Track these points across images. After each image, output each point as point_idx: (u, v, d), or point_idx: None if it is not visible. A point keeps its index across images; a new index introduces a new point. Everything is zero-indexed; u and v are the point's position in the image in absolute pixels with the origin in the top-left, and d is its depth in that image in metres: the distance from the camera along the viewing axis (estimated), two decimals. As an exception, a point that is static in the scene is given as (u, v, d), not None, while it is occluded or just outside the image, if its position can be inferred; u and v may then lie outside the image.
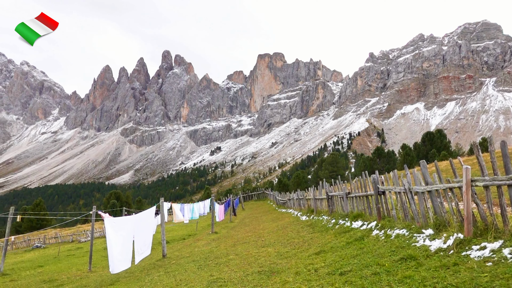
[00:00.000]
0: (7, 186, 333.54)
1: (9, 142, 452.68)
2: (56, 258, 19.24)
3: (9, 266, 16.82)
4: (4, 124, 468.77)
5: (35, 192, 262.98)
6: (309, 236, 10.32)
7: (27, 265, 17.43)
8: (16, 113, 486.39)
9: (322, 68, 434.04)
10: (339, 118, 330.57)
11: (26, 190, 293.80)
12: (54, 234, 41.05)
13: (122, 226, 9.69)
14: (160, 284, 7.54)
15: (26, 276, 13.70)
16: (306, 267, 6.40)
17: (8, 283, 12.32)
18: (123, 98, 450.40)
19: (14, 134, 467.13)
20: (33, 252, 27.59)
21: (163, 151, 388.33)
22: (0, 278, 13.76)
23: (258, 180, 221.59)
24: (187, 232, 21.99)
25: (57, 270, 14.35)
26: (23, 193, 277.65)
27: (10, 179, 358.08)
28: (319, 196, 16.20)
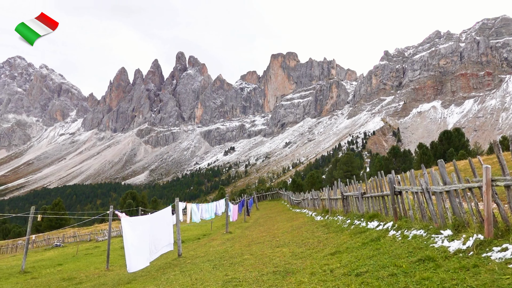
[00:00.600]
0: (27, 186, 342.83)
1: (29, 144, 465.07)
2: (74, 257, 19.66)
3: (30, 264, 17.29)
4: (25, 126, 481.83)
5: (54, 192, 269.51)
6: (324, 237, 10.25)
7: (47, 263, 17.87)
8: (36, 115, 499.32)
9: (336, 67, 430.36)
10: (353, 117, 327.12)
11: (45, 190, 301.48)
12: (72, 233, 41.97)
13: (138, 226, 9.84)
14: (176, 283, 7.62)
15: (46, 274, 14.06)
16: (322, 268, 6.36)
17: (29, 280, 12.67)
18: (138, 99, 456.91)
19: (34, 135, 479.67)
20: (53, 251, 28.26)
21: (177, 151, 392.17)
22: (22, 275, 14.17)
23: (272, 180, 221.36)
24: (202, 232, 22.14)
25: (76, 268, 14.67)
26: (43, 193, 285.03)
27: (30, 179, 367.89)
28: (334, 196, 16.07)
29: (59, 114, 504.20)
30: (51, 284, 11.13)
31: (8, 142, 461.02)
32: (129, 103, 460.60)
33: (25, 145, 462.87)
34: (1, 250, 42.47)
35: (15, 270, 15.81)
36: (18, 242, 43.42)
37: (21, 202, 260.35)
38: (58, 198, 65.23)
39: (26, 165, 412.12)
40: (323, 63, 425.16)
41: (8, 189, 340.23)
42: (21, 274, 14.44)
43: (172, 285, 7.50)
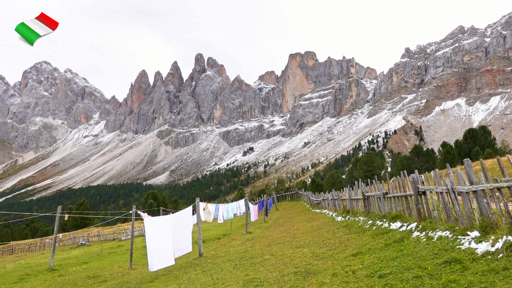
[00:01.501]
0: (54, 187, 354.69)
1: (55, 146, 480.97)
2: (99, 255, 20.19)
3: (57, 262, 17.87)
4: (51, 128, 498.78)
5: (79, 193, 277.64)
6: (345, 237, 10.13)
7: (73, 261, 18.43)
8: (61, 118, 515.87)
9: (356, 66, 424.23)
10: (373, 116, 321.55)
11: (70, 190, 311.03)
12: (96, 233, 43.12)
13: (160, 225, 10.01)
14: (198, 282, 7.70)
15: (72, 271, 14.50)
16: (343, 269, 6.29)
17: (57, 278, 13.10)
18: (159, 101, 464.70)
19: (60, 137, 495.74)
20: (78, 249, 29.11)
21: (197, 152, 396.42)
22: (49, 273, 14.68)
23: (291, 180, 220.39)
24: (222, 232, 22.29)
25: (101, 266, 15.06)
26: (68, 193, 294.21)
27: (56, 180, 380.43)
28: (354, 196, 15.85)
29: (83, 116, 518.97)
30: (77, 282, 11.46)
31: (36, 144, 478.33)
32: (150, 105, 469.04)
33: (51, 147, 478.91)
34: (30, 248, 44.08)
35: (43, 268, 16.39)
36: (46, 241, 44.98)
37: (48, 202, 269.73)
38: (83, 198, 67.16)
39: (52, 166, 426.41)
40: (342, 62, 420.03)
41: (36, 190, 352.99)
42: (49, 272, 14.95)
43: (194, 285, 7.59)
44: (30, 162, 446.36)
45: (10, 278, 14.43)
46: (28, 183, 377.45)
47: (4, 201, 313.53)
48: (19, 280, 13.83)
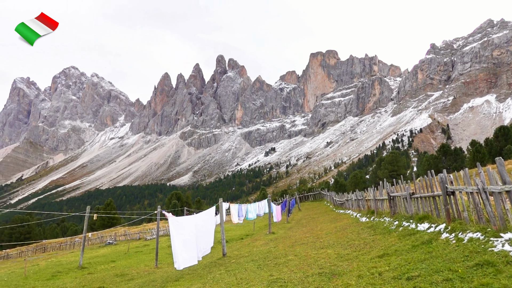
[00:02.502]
0: (82, 188, 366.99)
1: (83, 148, 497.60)
2: (126, 254, 20.72)
3: (86, 260, 18.48)
4: (79, 131, 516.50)
5: (106, 193, 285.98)
6: (371, 238, 9.95)
7: (101, 260, 19.01)
8: (88, 121, 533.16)
9: (379, 63, 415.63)
10: (398, 114, 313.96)
11: (98, 191, 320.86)
12: (123, 232, 44.27)
13: (184, 225, 10.17)
14: (222, 282, 7.77)
15: (101, 270, 14.96)
16: (369, 271, 6.18)
17: (86, 275, 13.56)
18: (181, 103, 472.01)
19: (87, 140, 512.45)
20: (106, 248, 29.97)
21: (219, 153, 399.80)
22: (79, 271, 15.21)
23: (314, 180, 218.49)
24: (245, 232, 22.38)
25: (128, 265, 15.45)
26: (96, 193, 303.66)
27: (84, 181, 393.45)
28: (379, 196, 15.53)
29: (109, 119, 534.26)
30: (106, 280, 11.82)
31: (65, 147, 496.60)
32: (173, 107, 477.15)
33: (80, 149, 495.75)
34: (61, 247, 45.78)
35: (73, 266, 17.00)
36: (75, 240, 46.59)
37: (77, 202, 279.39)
38: (110, 199, 69.11)
39: (80, 167, 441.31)
40: (364, 60, 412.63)
41: (66, 190, 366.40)
42: (79, 269, 15.49)
43: (218, 284, 7.66)
44: (60, 164, 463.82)
45: (43, 275, 15.05)
46: (59, 184, 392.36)
47: (37, 201, 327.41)
48: (51, 277, 14.41)
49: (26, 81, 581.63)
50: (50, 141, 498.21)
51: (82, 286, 11.16)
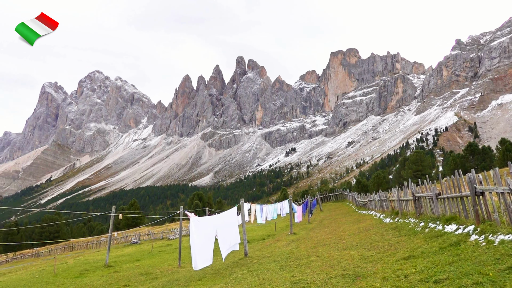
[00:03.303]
0: (107, 188, 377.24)
1: (108, 149, 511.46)
2: (150, 254, 21.13)
3: (112, 259, 18.97)
4: (104, 133, 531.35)
5: (130, 193, 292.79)
6: (395, 240, 9.73)
7: (126, 258, 19.46)
8: (113, 123, 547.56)
9: (401, 61, 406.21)
10: (422, 113, 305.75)
11: (122, 191, 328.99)
12: (147, 232, 45.19)
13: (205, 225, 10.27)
14: (244, 282, 7.79)
15: (126, 268, 15.32)
16: (395, 273, 6.04)
17: (112, 274, 13.92)
18: (202, 104, 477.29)
19: (112, 141, 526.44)
20: (131, 247, 30.67)
21: (239, 153, 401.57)
22: (106, 269, 15.64)
23: (335, 180, 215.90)
24: (266, 233, 22.36)
25: (152, 264, 15.76)
26: (120, 194, 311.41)
27: (109, 181, 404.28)
28: (404, 197, 15.18)
29: (132, 121, 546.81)
30: (131, 278, 12.09)
31: (91, 149, 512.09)
32: (194, 109, 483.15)
33: (105, 150, 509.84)
34: (88, 245, 47.22)
35: (100, 264, 17.49)
36: (101, 239, 47.93)
37: (103, 202, 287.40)
38: (134, 199, 70.70)
39: (106, 168, 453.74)
40: (386, 58, 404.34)
41: (92, 191, 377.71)
42: (105, 268, 15.93)
43: (240, 284, 7.69)
44: (86, 165, 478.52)
45: (71, 273, 15.56)
46: (85, 185, 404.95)
47: (65, 202, 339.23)
48: (79, 275, 14.88)
49: (54, 85, 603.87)
50: (77, 143, 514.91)
51: (109, 284, 11.46)
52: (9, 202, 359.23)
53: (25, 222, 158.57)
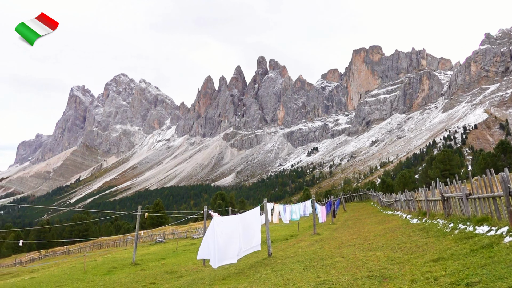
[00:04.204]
0: (133, 188, 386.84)
1: (133, 150, 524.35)
2: (174, 252, 21.51)
3: (138, 257, 19.44)
4: (129, 134, 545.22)
5: (154, 193, 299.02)
6: (423, 241, 9.47)
7: (152, 257, 19.89)
8: (138, 125, 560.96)
9: (427, 57, 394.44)
10: (449, 110, 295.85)
11: (147, 191, 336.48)
12: (171, 231, 46.00)
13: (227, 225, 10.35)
14: (269, 282, 7.79)
15: (152, 266, 15.67)
16: (423, 275, 5.88)
17: (139, 271, 14.27)
18: (224, 105, 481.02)
19: (137, 142, 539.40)
20: (156, 246, 31.32)
21: (261, 153, 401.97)
22: (133, 267, 16.04)
23: (359, 180, 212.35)
24: (289, 233, 22.28)
25: (176, 263, 16.03)
26: (145, 194, 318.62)
27: (135, 182, 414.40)
28: (431, 197, 14.75)
29: (156, 122, 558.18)
30: (157, 276, 12.36)
31: (117, 150, 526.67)
32: (216, 109, 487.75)
33: (130, 151, 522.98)
34: (115, 244, 48.59)
35: (127, 262, 17.97)
36: (128, 237, 49.18)
37: (129, 201, 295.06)
38: (158, 199, 72.18)
39: (131, 169, 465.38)
40: (411, 54, 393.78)
41: (118, 191, 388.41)
42: (132, 266, 16.35)
43: (264, 284, 7.69)
44: (113, 166, 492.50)
45: (100, 270, 16.07)
46: (112, 185, 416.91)
47: (93, 201, 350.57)
48: (108, 272, 15.34)
49: (82, 89, 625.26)
50: (104, 144, 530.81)
51: (136, 282, 11.75)
52: (41, 201, 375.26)
53: (56, 220, 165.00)
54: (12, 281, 17.87)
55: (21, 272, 25.39)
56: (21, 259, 54.82)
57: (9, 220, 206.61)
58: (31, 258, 52.97)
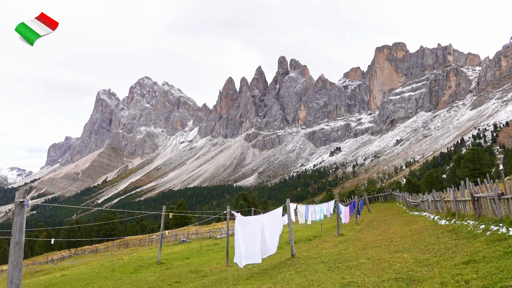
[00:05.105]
0: (157, 189, 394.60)
1: (157, 152, 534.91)
2: (198, 252, 21.76)
3: (164, 257, 19.80)
4: (153, 136, 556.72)
5: (178, 194, 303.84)
6: (452, 243, 9.16)
7: (176, 256, 20.21)
8: (161, 126, 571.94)
9: (454, 53, 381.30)
10: (478, 107, 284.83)
11: (171, 192, 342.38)
12: (194, 231, 46.60)
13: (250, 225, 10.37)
14: (293, 282, 7.75)
15: (177, 266, 15.92)
16: (454, 278, 5.68)
17: (164, 270, 14.53)
18: (245, 106, 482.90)
19: (160, 144, 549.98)
20: (180, 246, 31.80)
21: (283, 154, 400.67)
22: (158, 266, 16.36)
23: (383, 180, 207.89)
24: (312, 233, 22.08)
25: (201, 262, 16.22)
26: (169, 194, 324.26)
27: (159, 182, 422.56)
28: (461, 197, 14.24)
29: (179, 124, 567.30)
30: (182, 275, 12.54)
31: (141, 151, 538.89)
32: (237, 110, 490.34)
33: (154, 153, 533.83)
34: (141, 243, 49.71)
35: (153, 261, 18.34)
36: (153, 237, 50.22)
37: (153, 202, 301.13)
38: (182, 199, 73.32)
39: (155, 170, 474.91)
40: (436, 50, 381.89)
41: (143, 191, 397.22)
42: (158, 265, 16.67)
43: (288, 285, 7.66)
44: (138, 167, 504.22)
45: (127, 269, 16.48)
46: (137, 186, 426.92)
47: (119, 201, 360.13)
48: (134, 270, 15.72)
49: (108, 92, 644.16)
50: (129, 146, 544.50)
51: (161, 280, 11.97)
52: (71, 202, 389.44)
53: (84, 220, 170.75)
54: (45, 278, 18.63)
55: (52, 269, 26.41)
56: (52, 257, 57.07)
57: (41, 220, 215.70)
58: (62, 256, 55.02)
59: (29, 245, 73.53)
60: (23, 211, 5.38)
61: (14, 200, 5.40)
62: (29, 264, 51.53)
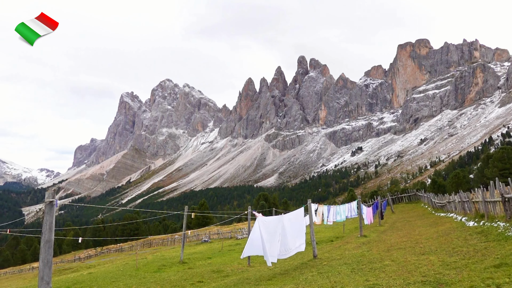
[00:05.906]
0: (179, 189, 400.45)
1: (179, 153, 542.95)
2: (220, 252, 21.93)
3: (186, 256, 20.06)
4: (175, 137, 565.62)
5: (199, 194, 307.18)
6: (482, 245, 8.83)
7: (198, 256, 20.44)
8: (182, 128, 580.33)
9: (480, 48, 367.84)
10: (508, 104, 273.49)
11: (192, 192, 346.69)
12: (216, 231, 46.98)
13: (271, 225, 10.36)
14: (315, 284, 7.68)
15: (199, 265, 16.10)
16: (484, 282, 5.48)
17: (187, 270, 14.72)
18: (265, 106, 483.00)
19: (182, 145, 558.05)
20: (202, 246, 32.14)
21: (304, 154, 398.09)
22: (181, 265, 16.59)
23: (407, 181, 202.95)
24: (334, 234, 21.82)
25: (222, 262, 16.33)
26: (191, 195, 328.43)
27: (180, 183, 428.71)
28: (490, 198, 13.72)
29: (200, 125, 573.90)
30: (204, 275, 12.66)
31: (163, 152, 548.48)
32: (257, 111, 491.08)
33: (176, 154, 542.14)
34: (163, 243, 50.56)
35: (175, 260, 18.61)
36: (175, 237, 50.96)
37: (175, 202, 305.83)
38: (203, 199, 74.04)
39: (177, 171, 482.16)
40: (462, 46, 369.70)
41: (165, 192, 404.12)
42: (180, 264, 16.90)
43: (311, 286, 7.59)
44: (160, 168, 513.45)
45: (151, 268, 16.80)
46: (159, 186, 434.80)
47: (142, 202, 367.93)
48: (158, 269, 16.00)
49: (130, 95, 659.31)
50: (151, 147, 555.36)
51: (184, 280, 12.13)
52: (96, 202, 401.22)
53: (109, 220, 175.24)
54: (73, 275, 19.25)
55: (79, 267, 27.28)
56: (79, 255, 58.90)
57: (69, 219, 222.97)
58: (88, 254, 56.69)
59: (58, 243, 76.17)
60: (53, 210, 5.57)
61: (44, 200, 5.60)
62: (57, 262, 53.39)
